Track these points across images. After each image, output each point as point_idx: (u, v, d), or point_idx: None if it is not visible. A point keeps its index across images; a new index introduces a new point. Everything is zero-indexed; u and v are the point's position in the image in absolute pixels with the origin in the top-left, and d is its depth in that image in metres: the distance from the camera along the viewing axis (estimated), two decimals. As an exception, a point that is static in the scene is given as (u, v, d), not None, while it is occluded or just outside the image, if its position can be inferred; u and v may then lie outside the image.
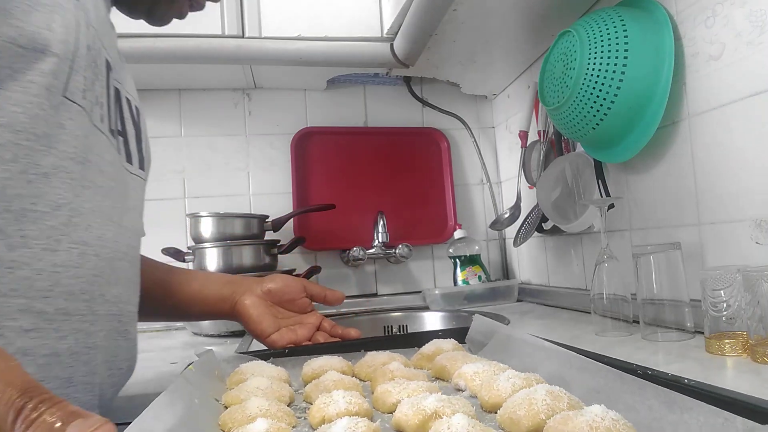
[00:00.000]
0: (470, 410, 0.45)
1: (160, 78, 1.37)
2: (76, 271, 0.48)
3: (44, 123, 0.45)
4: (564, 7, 1.05)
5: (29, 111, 0.44)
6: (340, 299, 0.83)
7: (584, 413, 0.37)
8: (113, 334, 0.54)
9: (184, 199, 1.44)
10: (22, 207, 0.44)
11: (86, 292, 0.49)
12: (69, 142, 0.47)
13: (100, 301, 0.51)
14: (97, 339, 0.51)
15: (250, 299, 0.78)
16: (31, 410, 0.25)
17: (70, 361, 0.48)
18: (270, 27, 1.19)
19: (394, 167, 1.55)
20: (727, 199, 0.73)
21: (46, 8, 0.45)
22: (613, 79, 0.80)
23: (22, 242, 0.44)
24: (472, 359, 0.59)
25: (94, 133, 0.51)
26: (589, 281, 1.11)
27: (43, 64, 0.44)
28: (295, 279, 0.82)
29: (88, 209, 0.50)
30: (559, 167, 1.08)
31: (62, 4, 0.47)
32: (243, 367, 0.59)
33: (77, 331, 0.48)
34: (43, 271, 0.45)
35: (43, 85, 0.45)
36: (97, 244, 0.51)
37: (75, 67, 0.48)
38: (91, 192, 0.50)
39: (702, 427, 0.34)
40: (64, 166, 0.47)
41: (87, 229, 0.49)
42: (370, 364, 0.62)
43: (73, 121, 0.48)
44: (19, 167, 0.44)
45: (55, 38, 0.45)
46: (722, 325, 0.63)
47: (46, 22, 0.45)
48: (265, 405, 0.46)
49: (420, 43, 1.17)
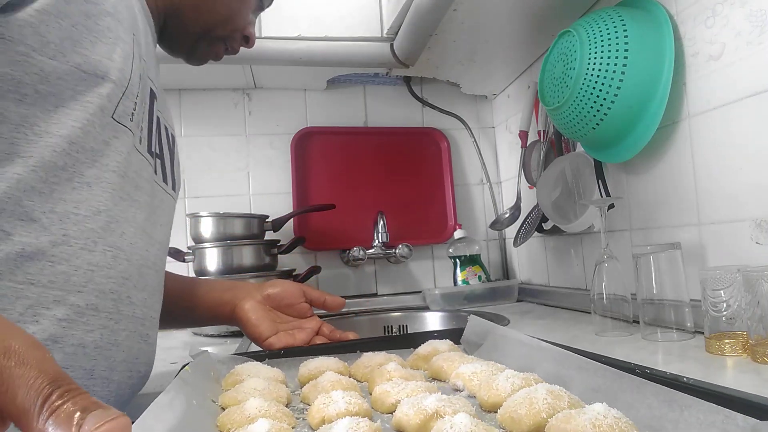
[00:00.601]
0: (470, 410, 0.44)
1: (160, 78, 1.37)
2: (108, 271, 0.53)
3: (93, 139, 0.51)
4: (564, 7, 1.05)
5: (84, 127, 0.50)
6: (341, 305, 0.83)
7: (586, 411, 0.37)
8: (135, 336, 0.58)
9: (184, 199, 1.44)
10: (66, 209, 0.50)
11: (115, 292, 0.54)
12: (112, 157, 0.53)
13: (127, 302, 0.56)
14: (120, 337, 0.55)
15: (250, 304, 0.79)
16: (57, 398, 0.27)
17: (94, 354, 0.52)
18: (270, 27, 1.19)
19: (394, 167, 1.55)
20: (727, 199, 0.73)
21: (109, 40, 0.52)
22: (613, 79, 0.80)
23: (64, 240, 0.49)
24: (469, 360, 0.59)
25: (134, 152, 0.57)
26: (589, 281, 1.11)
27: (101, 88, 0.51)
28: (295, 284, 0.83)
29: (123, 218, 0.55)
30: (559, 167, 1.08)
31: (122, 37, 0.54)
32: (239, 368, 0.59)
33: (103, 327, 0.53)
34: (79, 268, 0.50)
35: (98, 105, 0.51)
36: (129, 250, 0.56)
37: (127, 93, 0.54)
38: (128, 203, 0.56)
39: (702, 424, 0.34)
40: (105, 178, 0.53)
41: (121, 236, 0.55)
42: (367, 365, 0.62)
43: (117, 140, 0.54)
44: (67, 174, 0.50)
45: (114, 67, 0.52)
46: (722, 325, 0.63)
47: (108, 52, 0.52)
48: (264, 406, 0.46)
49: (420, 43, 1.17)
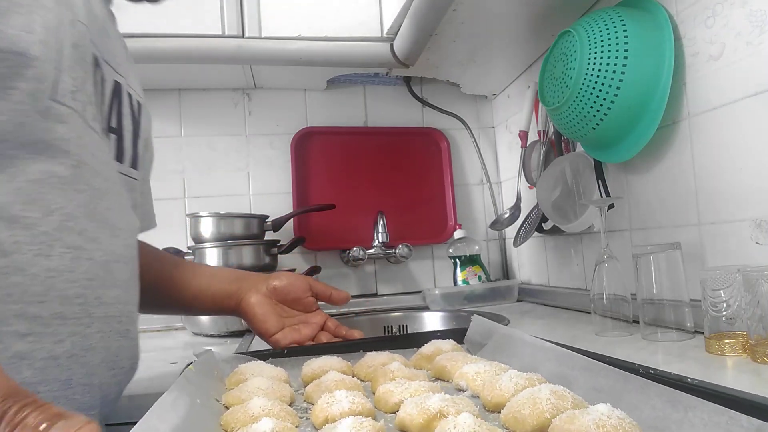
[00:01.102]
0: (474, 410, 0.45)
1: (160, 78, 1.37)
2: (70, 275, 0.48)
3: (30, 130, 0.44)
4: (564, 7, 1.06)
5: (14, 119, 0.43)
6: (346, 299, 0.82)
7: (590, 412, 0.37)
8: (113, 335, 0.54)
9: (184, 199, 1.44)
10: (12, 214, 0.44)
11: (81, 296, 0.49)
12: (60, 146, 0.47)
13: (96, 304, 0.51)
14: (94, 341, 0.51)
15: (255, 297, 0.78)
16: (15, 414, 0.25)
17: (68, 364, 0.48)
18: (270, 27, 1.19)
19: (394, 167, 1.55)
20: (727, 199, 0.73)
21: (24, 8, 0.43)
22: (613, 79, 0.80)
23: (15, 248, 0.44)
24: (473, 359, 0.59)
25: (88, 133, 0.50)
26: (589, 281, 1.12)
27: (25, 69, 0.43)
28: (301, 277, 0.82)
29: (80, 214, 0.49)
30: (559, 167, 1.08)
31: (43, 3, 0.45)
32: (242, 367, 0.59)
33: (74, 334, 0.48)
34: (36, 277, 0.45)
35: (27, 91, 0.43)
36: (91, 248, 0.50)
37: (61, 68, 0.46)
38: (86, 195, 0.50)
39: (706, 425, 0.34)
40: (55, 171, 0.47)
41: (80, 234, 0.49)
42: (370, 365, 0.62)
43: (64, 125, 0.47)
44: (5, 177, 0.44)
45: (35, 40, 0.43)
46: (722, 325, 0.63)
47: (24, 23, 0.43)
48: (267, 405, 0.46)
49: (420, 43, 1.17)
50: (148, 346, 1.09)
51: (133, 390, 0.71)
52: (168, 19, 1.13)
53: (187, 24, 1.15)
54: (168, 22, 1.13)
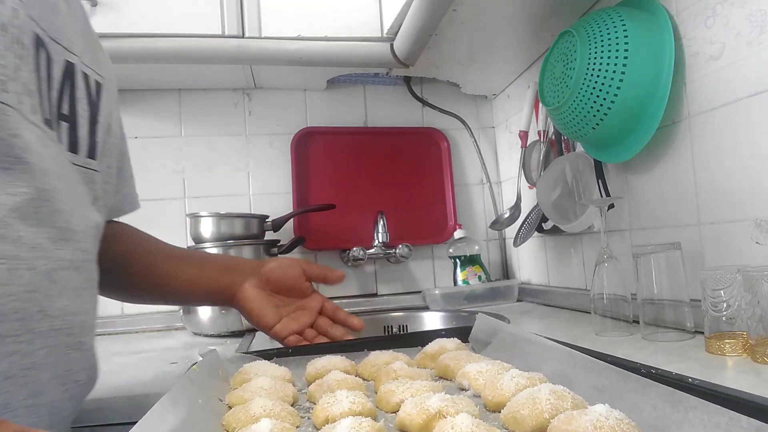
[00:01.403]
0: (474, 410, 0.45)
1: (160, 78, 1.37)
2: (6, 288, 0.42)
3: None
4: (564, 7, 1.06)
5: None
6: (341, 277, 0.80)
7: (588, 412, 0.37)
8: (62, 349, 0.48)
9: (184, 199, 1.44)
10: None
11: (19, 311, 0.43)
12: None
13: (39, 317, 0.45)
14: (38, 358, 0.45)
15: (250, 290, 0.76)
16: None
17: (6, 386, 0.42)
18: (270, 27, 1.19)
19: (394, 167, 1.55)
20: (727, 199, 0.73)
21: None
22: (613, 79, 0.80)
23: None
24: (476, 358, 0.59)
25: (27, 129, 0.44)
26: (589, 281, 1.12)
27: None
28: (294, 262, 0.80)
29: (16, 218, 0.43)
30: (559, 167, 1.08)
31: None
32: (246, 367, 0.59)
33: (12, 353, 0.43)
34: None
35: None
36: (30, 256, 0.44)
37: None
38: (23, 198, 0.44)
39: (707, 425, 0.34)
40: None
41: (16, 242, 0.43)
42: (374, 364, 0.62)
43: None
44: None
45: None
46: (722, 325, 0.63)
47: None
48: (268, 405, 0.46)
49: (420, 43, 1.17)
50: (148, 346, 1.10)
51: (133, 390, 0.71)
52: (168, 19, 1.13)
53: (187, 24, 1.15)
54: (168, 22, 1.13)
